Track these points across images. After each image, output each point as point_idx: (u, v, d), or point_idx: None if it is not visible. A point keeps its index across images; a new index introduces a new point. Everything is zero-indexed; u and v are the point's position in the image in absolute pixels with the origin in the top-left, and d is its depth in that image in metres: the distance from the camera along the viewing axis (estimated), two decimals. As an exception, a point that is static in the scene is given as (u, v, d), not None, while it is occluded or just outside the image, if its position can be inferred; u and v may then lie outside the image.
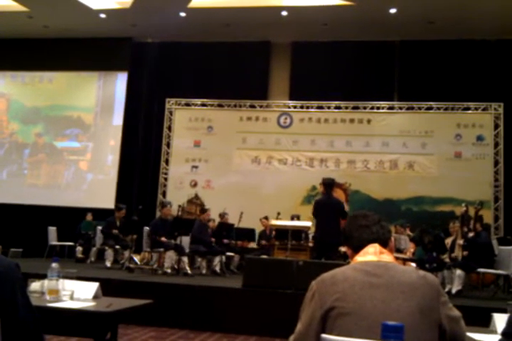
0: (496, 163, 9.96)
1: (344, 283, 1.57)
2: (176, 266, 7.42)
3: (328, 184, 6.75)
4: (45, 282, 2.63)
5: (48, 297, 2.59)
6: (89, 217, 9.99)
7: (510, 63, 10.25)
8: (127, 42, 11.60)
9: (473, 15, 9.39)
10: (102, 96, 11.93)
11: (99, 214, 9.89)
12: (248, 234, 8.64)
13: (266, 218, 9.24)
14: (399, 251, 8.19)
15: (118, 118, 11.69)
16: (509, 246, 7.08)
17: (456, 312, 1.59)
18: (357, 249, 1.70)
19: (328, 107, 10.66)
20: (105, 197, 10.74)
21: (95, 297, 2.76)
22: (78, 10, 10.28)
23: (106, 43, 11.46)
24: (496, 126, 10.07)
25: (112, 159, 11.63)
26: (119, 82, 11.85)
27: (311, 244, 8.05)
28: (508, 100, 10.11)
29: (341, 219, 6.27)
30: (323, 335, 1.51)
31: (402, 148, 10.31)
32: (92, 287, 2.80)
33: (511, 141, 9.97)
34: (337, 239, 5.85)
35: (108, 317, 2.54)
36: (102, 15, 10.60)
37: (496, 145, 10.01)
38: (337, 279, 1.59)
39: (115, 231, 8.37)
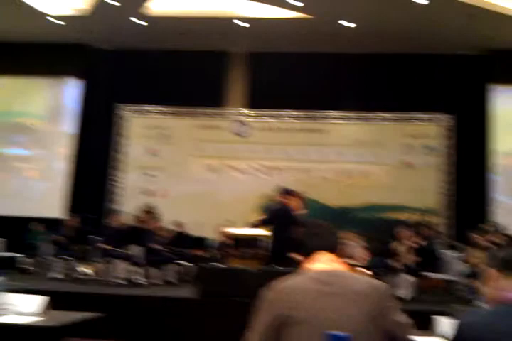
0: (447, 173, 10.31)
1: (296, 292, 1.57)
2: (128, 277, 7.25)
3: (285, 193, 6.90)
4: (-12, 296, 2.51)
5: (-10, 311, 2.47)
6: (37, 226, 9.62)
7: (463, 77, 10.61)
8: (82, 49, 11.29)
9: (428, 29, 9.62)
10: (53, 103, 11.55)
11: (48, 223, 9.55)
12: (200, 242, 8.57)
13: (225, 228, 9.19)
14: (349, 257, 8.32)
15: (69, 126, 11.36)
16: (457, 253, 7.36)
17: (405, 318, 1.63)
18: (308, 256, 1.71)
19: (285, 117, 10.78)
20: (54, 206, 10.37)
21: (42, 311, 2.66)
22: (29, 14, 9.96)
23: (59, 49, 11.09)
24: (448, 137, 10.44)
25: (61, 167, 11.25)
26: (72, 89, 11.52)
27: (264, 252, 8.06)
28: (459, 112, 10.47)
29: (294, 227, 6.32)
30: (275, 344, 1.50)
31: (356, 158, 10.53)
32: (39, 300, 2.70)
33: (462, 152, 10.32)
34: (289, 246, 5.89)
35: (55, 332, 2.45)
36: (57, 21, 10.30)
37: (448, 155, 10.37)
38: (289, 288, 1.60)
39: (59, 237, 8.16)
